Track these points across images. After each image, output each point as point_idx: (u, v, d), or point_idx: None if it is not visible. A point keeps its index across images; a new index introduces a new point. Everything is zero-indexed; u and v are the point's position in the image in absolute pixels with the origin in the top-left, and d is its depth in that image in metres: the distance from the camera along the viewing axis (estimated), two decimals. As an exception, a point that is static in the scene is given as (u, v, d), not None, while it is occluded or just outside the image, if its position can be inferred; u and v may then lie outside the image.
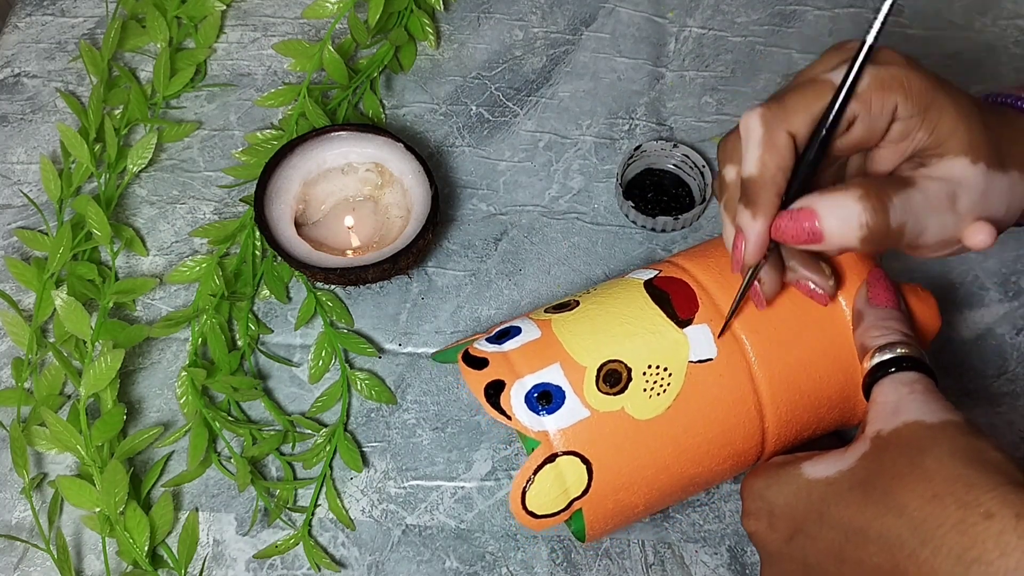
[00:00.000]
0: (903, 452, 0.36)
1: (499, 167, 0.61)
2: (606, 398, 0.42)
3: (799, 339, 0.43)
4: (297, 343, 0.56)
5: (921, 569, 0.34)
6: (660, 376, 0.42)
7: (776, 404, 0.43)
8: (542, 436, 0.41)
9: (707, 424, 0.43)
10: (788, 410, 0.44)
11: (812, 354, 0.43)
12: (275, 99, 0.63)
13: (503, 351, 0.44)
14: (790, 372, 0.43)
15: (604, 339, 0.43)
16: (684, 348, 0.43)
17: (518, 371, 0.43)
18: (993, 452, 0.35)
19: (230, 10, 0.67)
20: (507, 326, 0.46)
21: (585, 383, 0.42)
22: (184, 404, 0.53)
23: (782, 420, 0.44)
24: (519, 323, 0.46)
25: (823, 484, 0.38)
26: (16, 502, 0.52)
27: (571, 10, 0.67)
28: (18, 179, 0.61)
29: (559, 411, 0.41)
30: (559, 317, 0.45)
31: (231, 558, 0.50)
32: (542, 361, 0.43)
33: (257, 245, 0.57)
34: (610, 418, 0.42)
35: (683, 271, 0.45)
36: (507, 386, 0.42)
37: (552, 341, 0.43)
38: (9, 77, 0.65)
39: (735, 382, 0.43)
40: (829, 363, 0.44)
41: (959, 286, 0.57)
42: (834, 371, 0.44)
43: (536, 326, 0.44)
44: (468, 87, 0.64)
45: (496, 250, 0.59)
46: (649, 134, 0.62)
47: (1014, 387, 0.54)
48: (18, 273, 0.56)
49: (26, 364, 0.54)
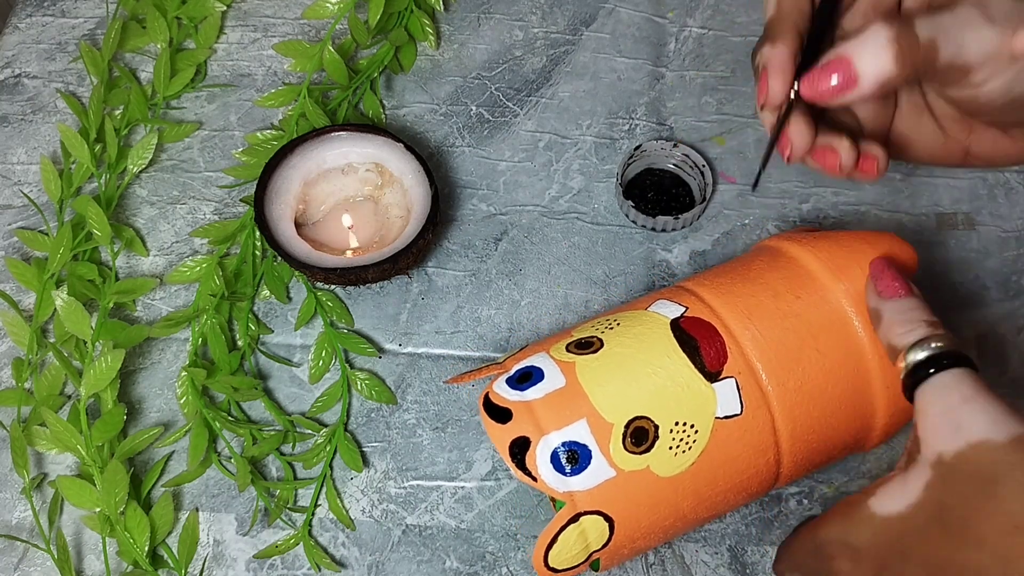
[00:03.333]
0: (974, 480, 0.34)
1: (499, 167, 0.61)
2: (632, 457, 0.41)
3: (824, 393, 0.43)
4: (297, 343, 0.56)
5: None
6: (686, 433, 0.41)
7: (794, 453, 0.44)
8: (567, 497, 0.41)
9: (728, 477, 0.43)
10: (805, 456, 0.44)
11: (834, 406, 0.43)
12: (275, 99, 0.63)
13: (526, 400, 0.42)
14: (812, 424, 0.43)
15: (631, 392, 0.42)
16: (712, 404, 0.42)
17: (543, 427, 0.41)
18: None
19: (230, 11, 0.67)
20: (528, 365, 0.44)
21: (612, 442, 0.41)
22: (184, 404, 0.53)
23: (798, 464, 0.44)
24: (541, 362, 0.44)
25: (898, 521, 0.36)
26: (16, 502, 0.52)
27: (571, 10, 0.67)
28: (18, 179, 0.61)
29: (585, 471, 0.41)
30: (583, 361, 0.43)
31: (231, 558, 0.50)
32: (568, 416, 0.41)
33: (257, 245, 0.58)
34: (635, 477, 0.41)
35: (711, 312, 0.44)
36: (532, 444, 0.41)
37: (578, 392, 0.42)
38: (9, 78, 0.65)
39: (759, 437, 0.42)
40: (849, 413, 0.44)
41: (959, 286, 0.57)
42: (853, 419, 0.44)
43: (559, 371, 0.43)
44: (468, 87, 0.64)
45: (496, 250, 0.59)
46: (649, 134, 0.62)
47: (1014, 387, 0.54)
48: (18, 273, 0.56)
49: (26, 364, 0.54)
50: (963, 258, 0.58)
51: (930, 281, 0.57)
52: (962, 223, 0.59)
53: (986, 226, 0.58)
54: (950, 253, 0.58)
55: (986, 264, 0.57)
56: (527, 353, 0.46)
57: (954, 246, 0.58)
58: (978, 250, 0.58)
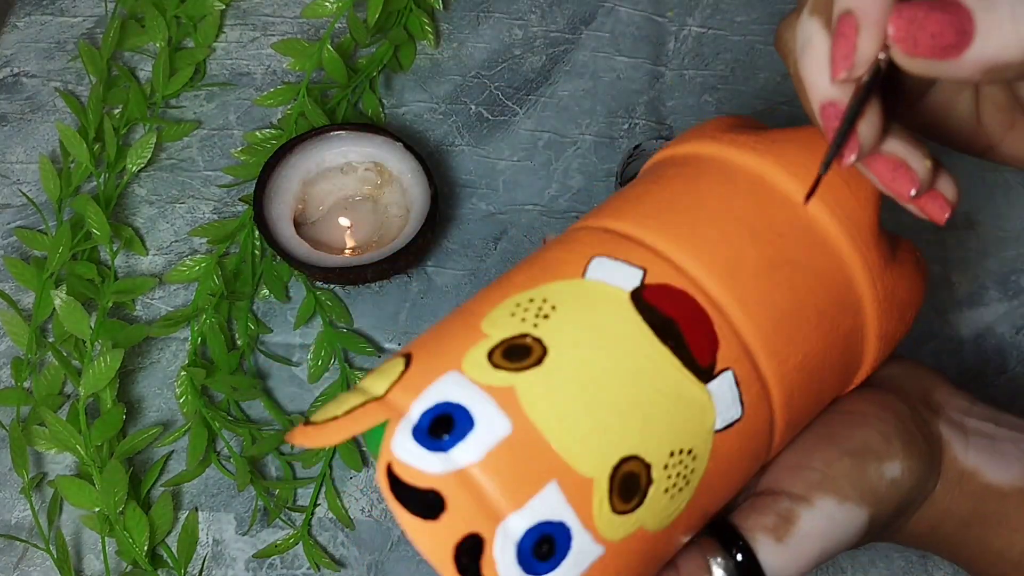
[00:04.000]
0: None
1: (499, 166, 0.61)
2: (622, 520, 0.29)
3: (823, 364, 0.34)
4: (296, 342, 0.56)
5: None
6: (683, 464, 0.30)
7: (782, 444, 0.36)
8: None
9: (722, 500, 0.34)
10: (789, 441, 0.36)
11: (830, 377, 0.35)
12: (274, 98, 0.63)
13: (459, 469, 0.28)
14: (807, 405, 0.35)
15: (611, 423, 0.29)
16: (709, 413, 0.31)
17: (497, 510, 0.27)
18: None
19: (229, 9, 0.67)
20: (443, 401, 0.29)
21: (595, 507, 0.29)
22: (183, 404, 0.53)
23: (778, 451, 0.36)
24: (457, 392, 0.29)
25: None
26: (16, 502, 0.52)
27: (571, 9, 0.67)
28: (17, 179, 0.61)
29: (565, 561, 0.28)
30: (526, 382, 0.29)
31: (231, 558, 0.50)
32: (530, 482, 0.28)
33: (256, 244, 0.57)
34: (626, 546, 0.29)
35: (678, 272, 0.32)
36: (487, 542, 0.27)
37: (533, 437, 0.28)
38: (8, 77, 0.65)
39: (758, 442, 0.33)
40: (839, 378, 0.36)
41: (959, 285, 0.57)
42: (841, 384, 0.37)
43: (495, 405, 0.28)
44: (467, 86, 0.64)
45: (496, 249, 0.59)
46: (649, 133, 0.62)
47: (1014, 387, 0.54)
48: (17, 273, 0.56)
49: (25, 364, 0.54)
50: (962, 258, 0.58)
51: (929, 280, 0.57)
52: (961, 223, 0.59)
53: (985, 226, 0.58)
54: (949, 253, 0.58)
55: (985, 264, 0.57)
56: (423, 371, 0.30)
57: (953, 246, 0.58)
58: (977, 250, 0.58)
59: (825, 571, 0.49)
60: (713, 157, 0.35)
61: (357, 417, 0.29)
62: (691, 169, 0.35)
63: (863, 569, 0.49)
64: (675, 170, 0.35)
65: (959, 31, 0.25)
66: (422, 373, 0.30)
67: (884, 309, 0.35)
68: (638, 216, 0.33)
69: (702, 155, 0.35)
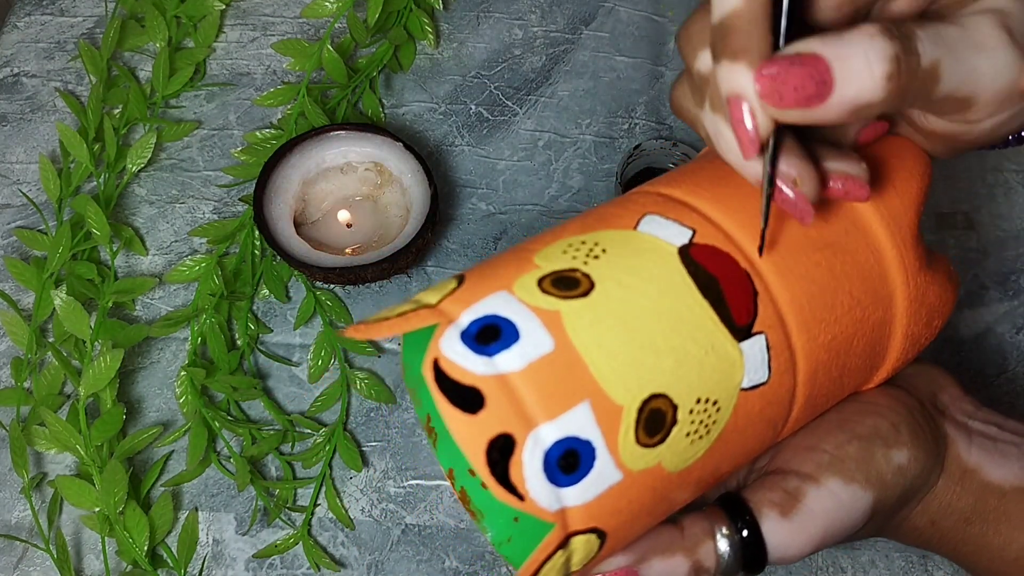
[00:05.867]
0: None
1: (498, 166, 0.61)
2: (644, 452, 0.31)
3: (850, 349, 0.35)
4: (296, 342, 0.56)
5: None
6: (707, 413, 0.32)
7: (798, 421, 0.36)
8: (558, 516, 0.30)
9: (734, 460, 0.35)
10: (805, 422, 0.37)
11: (854, 362, 0.36)
12: (274, 98, 0.63)
13: (501, 373, 0.29)
14: (829, 386, 0.36)
15: (646, 359, 0.31)
16: (739, 371, 0.32)
17: (532, 417, 0.29)
18: None
19: (229, 9, 0.67)
20: (490, 315, 0.31)
21: (621, 434, 0.30)
22: (183, 404, 0.53)
23: (794, 430, 0.37)
24: (506, 308, 0.31)
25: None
26: (16, 502, 0.52)
27: (570, 9, 0.67)
28: (17, 179, 0.61)
29: (585, 479, 0.30)
30: (571, 308, 0.31)
31: (231, 558, 0.50)
32: (565, 397, 0.29)
33: (256, 244, 0.57)
34: (643, 478, 0.31)
35: (725, 238, 0.33)
36: (518, 445, 0.29)
37: (573, 358, 0.30)
38: (8, 77, 0.65)
39: (777, 410, 0.34)
40: (862, 369, 0.37)
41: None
42: (862, 374, 0.37)
43: (539, 323, 0.30)
44: (467, 86, 0.64)
45: (496, 249, 0.59)
46: (649, 133, 0.62)
47: (1014, 386, 0.54)
48: (17, 273, 0.56)
49: (25, 364, 0.54)
50: (962, 258, 0.58)
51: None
52: (961, 223, 0.59)
53: (985, 226, 0.58)
54: (949, 253, 0.58)
55: (985, 264, 0.57)
56: (475, 288, 0.32)
57: (953, 246, 0.58)
58: (977, 250, 0.58)
59: (826, 571, 0.49)
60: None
61: (408, 319, 0.31)
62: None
63: (863, 569, 0.49)
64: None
65: (819, 82, 0.27)
66: (474, 290, 0.31)
67: (914, 309, 0.36)
68: (692, 186, 0.35)
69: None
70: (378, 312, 0.32)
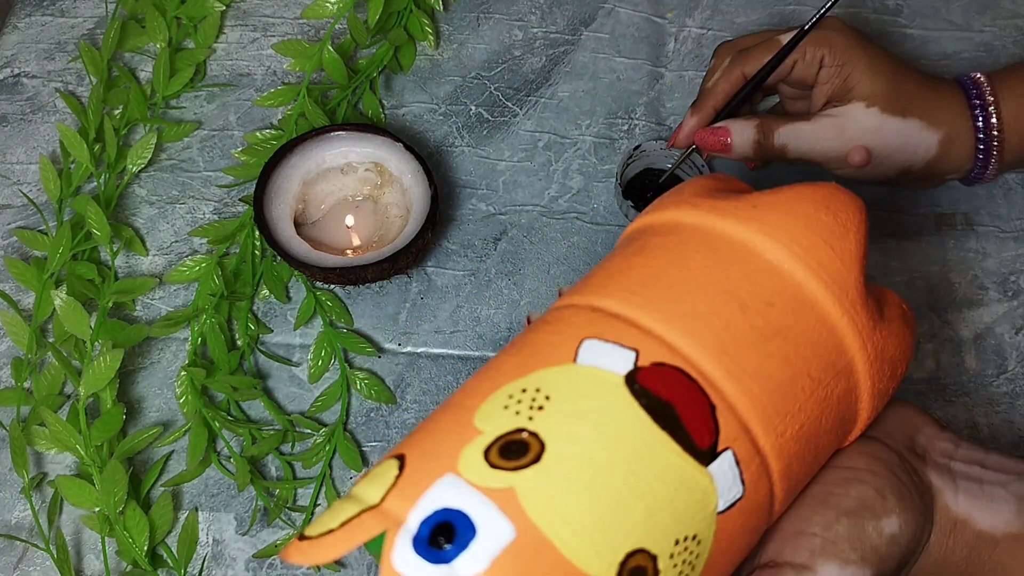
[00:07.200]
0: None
1: (499, 167, 0.61)
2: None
3: (819, 429, 0.34)
4: (296, 343, 0.56)
5: None
6: (689, 551, 0.30)
7: (783, 510, 0.35)
8: None
9: (728, 569, 0.33)
10: (791, 502, 0.36)
11: (826, 439, 0.35)
12: (274, 99, 0.63)
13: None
14: (805, 470, 0.35)
15: (615, 519, 0.28)
16: (711, 497, 0.30)
17: None
18: None
19: (229, 10, 0.67)
20: (441, 507, 0.28)
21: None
22: (184, 404, 0.53)
23: (784, 510, 0.36)
24: (456, 497, 0.28)
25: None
26: (16, 502, 0.52)
27: (570, 10, 0.67)
28: (18, 179, 0.61)
29: None
30: (525, 482, 0.28)
31: (231, 558, 0.50)
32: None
33: (257, 245, 0.57)
34: None
35: (671, 351, 0.31)
36: None
37: (538, 541, 0.27)
38: (9, 77, 0.65)
39: (759, 517, 0.32)
40: (835, 437, 0.36)
41: (958, 285, 0.57)
42: (837, 442, 0.37)
43: (496, 509, 0.27)
44: (467, 87, 0.64)
45: (496, 250, 0.59)
46: (648, 134, 0.62)
47: (1013, 387, 0.54)
48: (18, 273, 0.56)
49: (26, 364, 0.54)
50: (962, 258, 0.58)
51: (928, 281, 0.57)
52: (961, 223, 0.59)
53: (984, 226, 0.58)
54: (949, 253, 0.58)
55: (984, 264, 0.57)
56: (418, 475, 0.29)
57: (953, 246, 0.58)
58: (976, 250, 0.58)
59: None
60: (695, 226, 0.35)
61: (353, 529, 0.28)
62: (673, 239, 0.35)
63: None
64: (657, 240, 0.35)
65: (724, 143, 0.53)
66: (417, 477, 0.29)
67: (876, 369, 0.35)
68: (624, 292, 0.33)
69: (683, 223, 0.35)
70: (320, 520, 0.29)
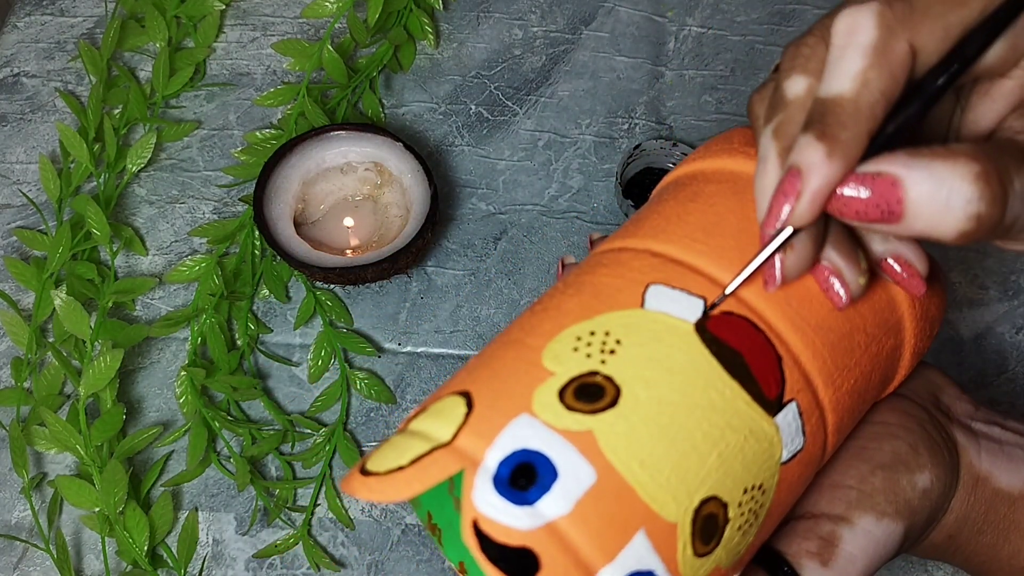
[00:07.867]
0: None
1: (498, 166, 0.61)
2: (702, 562, 0.28)
3: (869, 386, 0.34)
4: (296, 342, 0.56)
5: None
6: (755, 501, 0.30)
7: (826, 463, 0.36)
8: None
9: (781, 519, 0.33)
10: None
11: (871, 395, 0.35)
12: (274, 98, 0.63)
13: (549, 522, 0.26)
14: (851, 426, 0.35)
15: (691, 465, 0.28)
16: (777, 447, 0.30)
17: (591, 564, 0.26)
18: None
19: (229, 10, 0.67)
20: (521, 448, 0.27)
21: (679, 552, 0.28)
22: (183, 404, 0.53)
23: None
24: (535, 438, 0.28)
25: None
26: (16, 502, 0.52)
27: (570, 9, 0.67)
28: (17, 179, 0.61)
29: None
30: (603, 424, 0.28)
31: (231, 558, 0.50)
32: (620, 533, 0.27)
33: (256, 244, 0.57)
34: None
35: (738, 300, 0.31)
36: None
37: (618, 485, 0.27)
38: (8, 77, 0.65)
39: (813, 469, 0.33)
40: (876, 395, 0.36)
41: (959, 285, 0.57)
42: (876, 399, 0.37)
43: (577, 452, 0.27)
44: (467, 86, 0.64)
45: (496, 249, 0.59)
46: (649, 133, 0.62)
47: (1014, 386, 0.54)
48: (17, 273, 0.56)
49: (25, 364, 0.54)
50: (962, 258, 0.58)
51: (929, 280, 0.57)
52: (961, 222, 0.59)
53: (985, 225, 0.58)
54: (949, 253, 0.58)
55: (985, 264, 0.57)
56: (489, 413, 0.28)
57: (953, 246, 0.58)
58: (977, 250, 0.58)
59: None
60: (751, 175, 0.33)
61: (427, 467, 0.27)
62: (728, 187, 0.34)
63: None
64: (712, 187, 0.34)
65: (886, 212, 0.26)
66: (490, 415, 0.28)
67: (920, 327, 0.35)
68: (685, 239, 0.32)
69: (739, 172, 0.34)
70: (382, 453, 0.28)
